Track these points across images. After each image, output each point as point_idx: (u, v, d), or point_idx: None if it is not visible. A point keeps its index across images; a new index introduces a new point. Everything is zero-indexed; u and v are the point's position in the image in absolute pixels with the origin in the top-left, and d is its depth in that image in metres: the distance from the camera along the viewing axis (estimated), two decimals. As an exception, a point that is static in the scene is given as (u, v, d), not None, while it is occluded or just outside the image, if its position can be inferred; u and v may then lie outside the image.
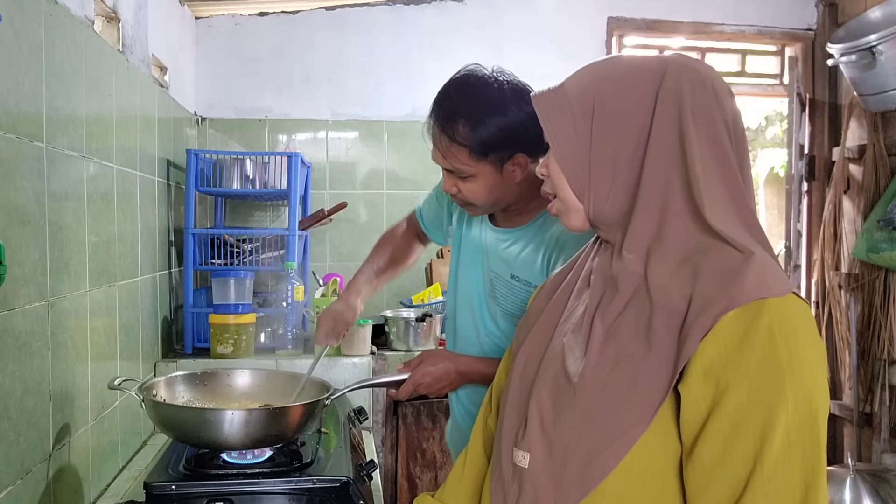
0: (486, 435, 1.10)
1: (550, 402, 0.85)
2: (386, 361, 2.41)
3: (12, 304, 1.20)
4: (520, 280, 1.42)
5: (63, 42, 1.43)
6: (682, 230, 0.81)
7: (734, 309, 0.74)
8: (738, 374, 0.73)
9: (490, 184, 1.35)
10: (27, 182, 1.27)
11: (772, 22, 3.12)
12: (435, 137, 1.36)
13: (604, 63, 0.91)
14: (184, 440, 1.42)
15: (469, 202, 1.40)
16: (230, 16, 2.85)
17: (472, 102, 1.31)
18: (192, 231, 2.39)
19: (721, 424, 0.73)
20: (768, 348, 0.72)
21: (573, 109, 0.87)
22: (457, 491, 1.09)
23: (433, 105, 1.36)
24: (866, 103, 2.77)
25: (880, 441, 2.82)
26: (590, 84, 0.88)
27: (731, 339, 0.74)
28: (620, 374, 0.79)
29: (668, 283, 0.79)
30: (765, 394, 0.72)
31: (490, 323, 1.50)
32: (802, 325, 0.75)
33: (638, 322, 0.80)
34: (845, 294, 2.97)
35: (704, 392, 0.75)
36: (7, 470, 1.20)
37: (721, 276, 0.77)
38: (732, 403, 0.73)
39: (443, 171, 1.40)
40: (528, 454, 0.85)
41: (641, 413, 0.77)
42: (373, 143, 2.96)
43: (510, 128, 1.30)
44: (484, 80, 1.33)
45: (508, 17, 2.99)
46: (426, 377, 1.45)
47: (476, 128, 1.29)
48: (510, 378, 0.97)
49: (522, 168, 1.35)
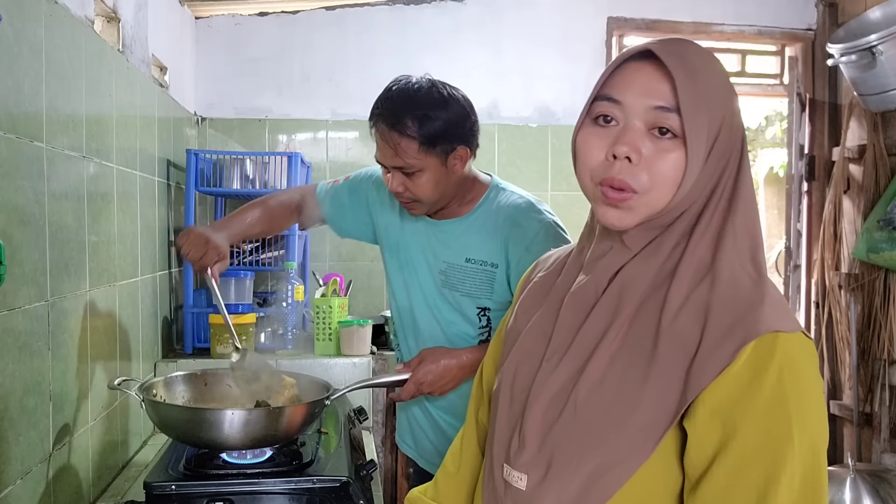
0: (478, 430, 1.05)
1: (548, 422, 0.81)
2: (386, 361, 2.41)
3: (12, 304, 1.20)
4: (475, 262, 1.49)
5: (63, 42, 1.43)
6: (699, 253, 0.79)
7: (751, 341, 0.72)
8: (745, 417, 0.71)
9: (436, 177, 1.43)
10: (27, 182, 1.27)
11: (772, 22, 3.12)
12: (384, 137, 1.43)
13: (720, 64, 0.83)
14: (184, 440, 1.42)
15: (416, 199, 1.46)
16: (230, 16, 2.85)
17: (415, 101, 1.41)
18: (192, 231, 2.39)
19: (726, 467, 0.72)
20: (777, 391, 0.71)
21: (712, 108, 0.78)
22: (452, 489, 1.05)
23: (375, 109, 1.45)
24: (866, 103, 2.77)
25: (880, 441, 2.82)
26: (724, 85, 0.81)
27: (742, 378, 0.72)
28: (624, 397, 0.77)
29: (680, 307, 0.77)
30: (773, 439, 0.71)
31: (449, 312, 1.53)
32: (809, 365, 0.74)
33: (645, 344, 0.77)
34: (845, 294, 2.97)
35: (711, 432, 0.73)
36: (7, 470, 1.20)
37: (737, 303, 0.75)
38: (739, 447, 0.71)
39: (386, 173, 1.47)
40: (524, 476, 0.81)
41: (644, 440, 0.75)
42: (373, 144, 2.93)
43: (452, 121, 1.42)
44: (418, 83, 1.44)
45: (508, 16, 2.99)
46: (428, 376, 1.45)
47: (423, 122, 1.39)
48: (499, 385, 0.91)
49: (463, 161, 1.46)
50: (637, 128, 0.78)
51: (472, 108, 1.48)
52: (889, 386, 2.82)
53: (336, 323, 2.35)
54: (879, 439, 2.82)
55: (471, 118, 1.46)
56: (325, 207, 1.73)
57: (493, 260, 1.48)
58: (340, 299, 2.39)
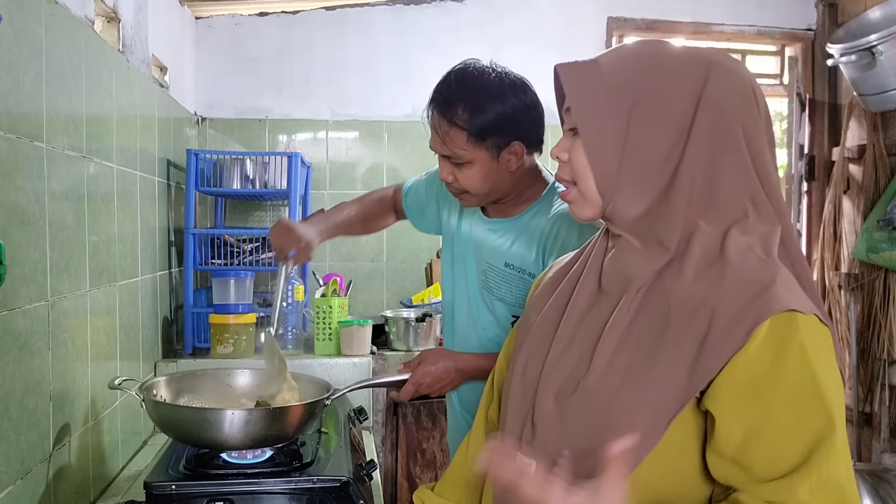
0: (488, 427, 1.08)
1: (557, 410, 0.82)
2: (386, 361, 2.41)
3: (12, 304, 1.20)
4: (514, 268, 1.43)
5: (63, 42, 1.43)
6: (706, 240, 0.79)
7: (765, 320, 0.72)
8: (775, 396, 0.72)
9: (486, 171, 1.37)
10: (27, 182, 1.27)
11: (772, 22, 3.12)
12: (434, 123, 1.38)
13: (647, 50, 0.85)
14: (184, 440, 1.42)
15: (464, 190, 1.42)
16: (230, 16, 2.85)
17: (471, 89, 1.35)
18: (192, 231, 2.39)
19: (764, 448, 0.73)
20: (804, 371, 0.72)
21: (612, 97, 0.81)
22: (457, 484, 1.07)
23: (433, 92, 1.39)
24: (866, 103, 2.77)
25: (880, 441, 2.82)
26: (634, 72, 0.82)
27: (763, 356, 0.72)
28: (632, 384, 0.77)
29: (687, 293, 0.77)
30: (808, 418, 0.72)
31: (486, 315, 1.50)
32: (828, 348, 0.75)
33: (651, 330, 0.78)
34: (845, 294, 2.97)
35: (739, 411, 0.73)
36: (7, 470, 1.20)
37: (748, 286, 0.75)
38: (773, 426, 0.72)
39: (439, 160, 1.42)
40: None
41: (654, 424, 0.75)
42: (373, 143, 2.96)
43: (508, 115, 1.34)
44: (482, 69, 1.37)
45: (508, 17, 2.99)
46: (426, 377, 1.45)
47: (475, 112, 1.33)
48: (510, 378, 0.94)
49: (518, 157, 1.38)
50: (566, 131, 0.88)
51: (535, 100, 1.39)
52: (889, 386, 2.82)
53: (336, 323, 2.35)
54: (879, 439, 2.82)
55: (532, 111, 1.38)
56: (407, 201, 1.73)
57: (531, 269, 1.40)
58: (340, 299, 2.39)
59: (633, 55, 0.85)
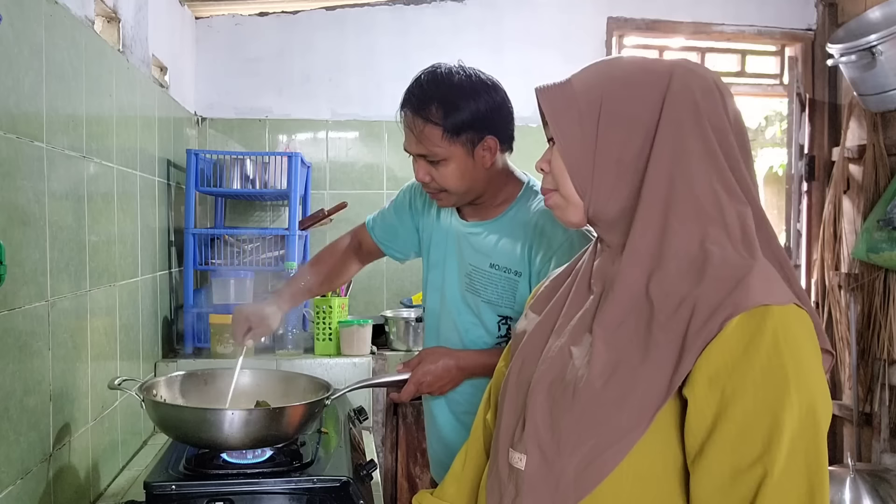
0: (486, 432, 1.10)
1: (548, 405, 0.85)
2: (386, 361, 2.41)
3: (12, 304, 1.21)
4: (500, 268, 1.45)
5: (63, 42, 1.43)
6: (685, 235, 0.81)
7: (739, 315, 0.74)
8: (743, 382, 0.73)
9: (462, 167, 1.40)
10: (27, 182, 1.27)
11: (772, 22, 3.12)
12: (408, 123, 1.41)
13: (611, 63, 0.91)
14: (184, 440, 1.42)
15: (442, 189, 1.43)
16: (230, 16, 2.85)
17: (443, 88, 1.38)
18: (192, 231, 2.39)
19: (728, 431, 0.74)
20: (773, 355, 0.73)
21: (580, 106, 0.88)
22: (456, 488, 1.09)
23: (405, 94, 1.42)
24: (866, 103, 2.77)
25: (880, 441, 2.82)
26: (598, 83, 0.88)
27: (737, 345, 0.74)
28: (619, 379, 0.79)
29: (669, 289, 0.79)
30: (771, 400, 0.72)
31: (470, 317, 1.50)
32: (804, 334, 0.76)
33: (637, 328, 0.80)
34: (845, 294, 2.97)
35: (710, 399, 0.75)
36: (7, 470, 1.20)
37: (724, 282, 0.77)
38: (739, 410, 0.73)
39: (414, 161, 1.44)
40: (524, 456, 0.86)
41: (639, 417, 0.78)
42: (373, 143, 2.96)
43: (480, 111, 1.38)
44: (451, 70, 1.41)
45: (508, 17, 2.99)
46: (427, 376, 1.45)
47: (448, 109, 1.36)
48: (507, 378, 0.97)
49: (492, 153, 1.41)
50: (548, 144, 0.94)
51: (505, 98, 1.43)
52: (889, 386, 2.81)
53: (336, 323, 2.35)
54: (879, 439, 2.82)
55: (503, 108, 1.42)
56: (375, 233, 1.73)
57: (517, 268, 1.43)
58: (340, 299, 2.39)
59: (602, 67, 0.91)
